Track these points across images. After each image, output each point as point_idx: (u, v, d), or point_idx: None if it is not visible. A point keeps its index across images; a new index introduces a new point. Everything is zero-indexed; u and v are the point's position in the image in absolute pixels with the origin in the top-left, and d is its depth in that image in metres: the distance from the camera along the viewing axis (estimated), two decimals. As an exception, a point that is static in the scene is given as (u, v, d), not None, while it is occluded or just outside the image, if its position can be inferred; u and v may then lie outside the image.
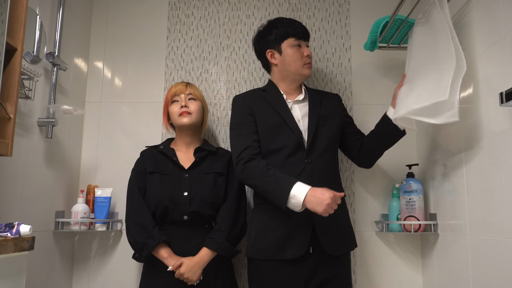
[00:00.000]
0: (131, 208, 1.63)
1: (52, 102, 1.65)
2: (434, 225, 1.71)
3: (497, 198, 1.28)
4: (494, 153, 1.30)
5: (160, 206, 1.60)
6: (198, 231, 1.61)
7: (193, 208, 1.58)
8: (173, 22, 2.07)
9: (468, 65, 1.46)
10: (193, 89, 1.73)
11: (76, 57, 1.93)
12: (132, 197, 1.64)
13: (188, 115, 1.66)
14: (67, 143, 1.83)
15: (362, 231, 1.91)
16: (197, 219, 1.60)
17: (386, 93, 1.99)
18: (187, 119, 1.66)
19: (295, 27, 1.63)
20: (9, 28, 1.19)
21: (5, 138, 1.19)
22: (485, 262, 1.35)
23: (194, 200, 1.59)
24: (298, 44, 1.62)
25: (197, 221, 1.61)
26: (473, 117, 1.43)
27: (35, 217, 1.59)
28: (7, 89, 1.20)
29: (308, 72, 1.64)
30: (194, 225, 1.61)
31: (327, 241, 1.50)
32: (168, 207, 1.59)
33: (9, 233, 1.09)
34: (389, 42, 1.78)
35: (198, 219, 1.60)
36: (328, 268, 1.52)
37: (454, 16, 1.56)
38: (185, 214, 1.59)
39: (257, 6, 2.08)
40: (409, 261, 1.88)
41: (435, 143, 1.74)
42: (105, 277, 1.89)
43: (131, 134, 1.98)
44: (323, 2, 2.07)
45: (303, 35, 1.64)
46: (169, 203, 1.59)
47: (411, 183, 1.76)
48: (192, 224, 1.61)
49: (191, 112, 1.67)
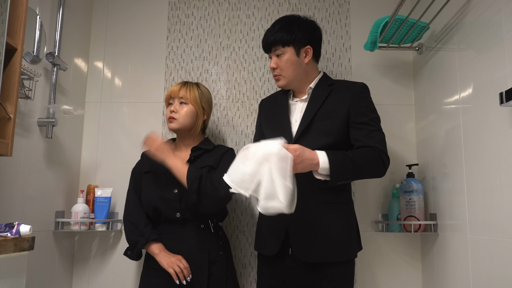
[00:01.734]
0: (127, 207, 1.68)
1: (52, 102, 1.65)
2: (434, 225, 1.71)
3: (497, 198, 1.28)
4: (494, 153, 1.30)
5: (151, 205, 1.61)
6: (193, 231, 1.60)
7: (184, 205, 1.58)
8: (173, 22, 2.07)
9: (468, 65, 1.47)
10: (186, 91, 1.68)
11: (76, 57, 1.93)
12: (128, 197, 1.69)
13: (173, 121, 1.66)
14: (67, 143, 1.83)
15: (362, 231, 1.90)
16: (190, 217, 1.60)
17: (386, 93, 1.99)
18: (173, 124, 1.66)
19: (263, 39, 1.60)
20: (9, 28, 1.19)
21: (5, 138, 1.19)
22: (485, 262, 1.35)
23: (185, 196, 1.57)
24: (270, 57, 1.60)
25: (191, 219, 1.60)
26: (473, 117, 1.43)
27: (35, 217, 1.59)
28: (7, 89, 1.20)
29: (278, 84, 1.59)
30: (188, 224, 1.60)
31: (298, 244, 1.45)
32: (159, 205, 1.60)
33: (9, 233, 1.09)
34: (389, 42, 1.78)
35: (191, 217, 1.60)
36: (303, 275, 1.47)
37: (454, 16, 1.57)
38: (177, 211, 1.59)
39: (257, 6, 2.08)
40: (409, 261, 1.88)
41: (435, 143, 1.74)
42: (105, 277, 1.89)
43: (131, 134, 1.98)
44: (323, 2, 2.07)
45: (265, 47, 1.59)
46: (160, 202, 1.60)
47: (411, 183, 1.76)
48: (186, 223, 1.60)
49: (177, 118, 1.66)
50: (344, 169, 1.38)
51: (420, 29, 1.71)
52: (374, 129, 1.48)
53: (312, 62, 1.60)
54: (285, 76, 1.56)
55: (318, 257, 1.45)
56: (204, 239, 1.60)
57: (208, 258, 1.58)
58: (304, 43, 1.55)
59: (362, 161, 1.40)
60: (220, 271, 1.60)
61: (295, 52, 1.54)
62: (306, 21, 1.59)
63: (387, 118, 1.97)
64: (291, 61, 1.54)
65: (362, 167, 1.41)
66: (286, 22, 1.57)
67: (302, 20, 1.58)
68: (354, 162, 1.39)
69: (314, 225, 1.45)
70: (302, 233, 1.46)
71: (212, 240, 1.61)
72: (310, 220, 1.46)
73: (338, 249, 1.46)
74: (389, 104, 1.99)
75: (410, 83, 2.00)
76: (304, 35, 1.54)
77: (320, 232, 1.46)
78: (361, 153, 1.42)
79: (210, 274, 1.57)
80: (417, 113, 1.95)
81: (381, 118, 1.81)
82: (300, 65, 1.55)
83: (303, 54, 1.55)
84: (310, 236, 1.45)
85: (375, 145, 1.45)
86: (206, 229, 1.62)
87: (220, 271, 1.60)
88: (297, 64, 1.55)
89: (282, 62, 1.55)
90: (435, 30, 1.74)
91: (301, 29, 1.54)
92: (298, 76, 1.57)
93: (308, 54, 1.56)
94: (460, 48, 1.54)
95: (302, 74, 1.57)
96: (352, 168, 1.39)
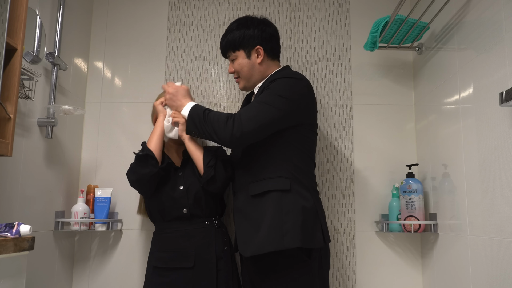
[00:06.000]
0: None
1: (52, 102, 1.65)
2: (434, 225, 1.71)
3: (497, 198, 1.28)
4: (494, 153, 1.30)
5: (159, 205, 1.63)
6: (199, 228, 1.63)
7: (191, 200, 1.61)
8: (173, 22, 2.07)
9: (468, 65, 1.47)
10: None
11: (76, 57, 1.93)
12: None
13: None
14: (67, 143, 1.83)
15: (362, 231, 1.91)
16: (197, 213, 1.62)
17: (386, 93, 1.99)
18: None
19: (220, 46, 1.67)
20: (9, 28, 1.19)
21: (5, 138, 1.19)
22: (485, 262, 1.35)
23: (191, 192, 1.62)
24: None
25: (197, 215, 1.62)
26: (473, 117, 1.43)
27: (35, 217, 1.59)
28: (7, 89, 1.20)
29: (239, 87, 1.67)
30: (195, 221, 1.62)
31: (238, 238, 1.50)
32: (167, 204, 1.62)
33: (9, 233, 1.09)
34: (389, 42, 1.78)
35: (198, 212, 1.62)
36: (247, 270, 1.55)
37: (454, 16, 1.57)
38: (184, 207, 1.61)
39: (257, 6, 2.08)
40: (409, 261, 1.88)
41: (435, 143, 1.74)
42: (105, 277, 1.89)
43: (131, 134, 1.98)
44: (323, 2, 2.07)
45: (223, 54, 1.67)
46: (168, 200, 1.62)
47: (411, 183, 1.76)
48: (192, 220, 1.62)
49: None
50: (196, 120, 1.48)
51: (420, 29, 1.71)
52: (254, 103, 1.50)
53: (267, 61, 1.61)
54: (242, 79, 1.63)
55: (251, 251, 1.42)
56: (210, 236, 1.63)
57: (215, 254, 1.60)
58: (253, 44, 1.58)
59: (211, 117, 1.47)
60: (227, 266, 1.63)
61: (246, 55, 1.59)
62: (254, 21, 1.61)
63: (387, 118, 1.98)
64: (243, 63, 1.60)
65: (208, 121, 1.46)
66: (233, 27, 1.62)
67: (250, 22, 1.61)
68: (205, 117, 1.47)
69: (247, 220, 1.47)
70: (240, 229, 1.50)
71: (217, 236, 1.64)
72: (244, 216, 1.49)
73: (268, 240, 1.39)
74: (389, 104, 1.99)
75: (410, 83, 2.00)
76: (252, 36, 1.58)
77: (253, 226, 1.44)
78: (217, 112, 1.49)
79: (218, 269, 1.60)
80: (417, 113, 1.95)
81: (381, 118, 1.83)
82: (253, 66, 1.59)
83: (255, 54, 1.59)
84: (246, 231, 1.47)
85: (240, 110, 1.50)
86: (211, 226, 1.65)
87: (227, 266, 1.63)
88: (250, 66, 1.59)
89: (236, 66, 1.61)
90: (435, 30, 1.74)
91: (248, 31, 1.58)
92: (254, 77, 1.61)
93: (259, 53, 1.59)
94: (460, 48, 1.54)
95: (257, 74, 1.60)
96: (201, 121, 1.47)
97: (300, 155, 1.51)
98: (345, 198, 1.93)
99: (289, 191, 1.44)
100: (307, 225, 1.42)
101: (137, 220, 1.92)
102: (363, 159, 1.95)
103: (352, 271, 1.88)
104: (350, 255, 1.89)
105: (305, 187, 1.48)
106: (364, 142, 1.97)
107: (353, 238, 1.90)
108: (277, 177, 1.46)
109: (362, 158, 1.95)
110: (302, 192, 1.46)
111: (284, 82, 1.48)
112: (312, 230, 1.43)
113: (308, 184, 1.50)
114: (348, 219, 1.92)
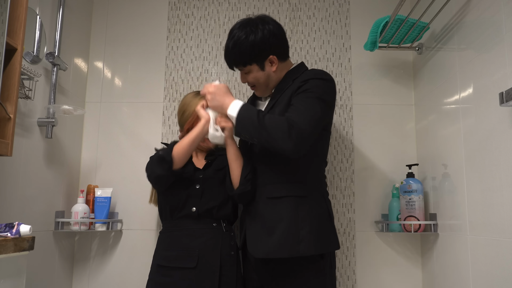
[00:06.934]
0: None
1: (52, 102, 1.65)
2: (434, 225, 1.71)
3: (497, 198, 1.28)
4: (494, 153, 1.30)
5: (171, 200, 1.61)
6: (206, 228, 1.60)
7: (204, 199, 1.60)
8: (173, 22, 2.07)
9: (468, 65, 1.47)
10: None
11: (76, 57, 1.93)
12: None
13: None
14: (67, 143, 1.83)
15: (362, 231, 1.91)
16: (205, 214, 1.60)
17: (386, 93, 1.99)
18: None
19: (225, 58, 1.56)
20: (9, 28, 1.19)
21: (5, 138, 1.19)
22: (485, 262, 1.35)
23: (206, 193, 1.61)
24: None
25: (205, 216, 1.61)
26: (473, 117, 1.43)
27: (35, 217, 1.59)
28: (7, 89, 1.20)
29: (256, 94, 1.62)
30: (202, 221, 1.60)
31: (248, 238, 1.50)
32: (178, 200, 1.60)
33: (9, 233, 1.09)
34: (389, 42, 1.78)
35: (206, 213, 1.60)
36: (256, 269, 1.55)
37: (454, 16, 1.57)
38: (193, 206, 1.60)
39: (257, 6, 2.08)
40: (409, 261, 1.88)
41: (435, 143, 1.74)
42: (105, 277, 1.89)
43: (131, 134, 1.98)
44: (323, 2, 2.07)
45: (228, 66, 1.58)
46: (183, 198, 1.59)
47: (411, 183, 1.76)
48: (200, 219, 1.60)
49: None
50: (248, 124, 1.38)
51: (420, 29, 1.71)
52: (301, 107, 1.40)
53: (281, 65, 1.54)
54: (259, 89, 1.58)
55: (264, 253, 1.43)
56: (216, 238, 1.60)
57: (220, 257, 1.57)
58: (265, 55, 1.50)
59: (268, 123, 1.36)
60: (231, 272, 1.60)
61: (259, 67, 1.51)
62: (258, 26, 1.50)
63: (387, 118, 1.98)
64: (258, 76, 1.53)
65: (265, 128, 1.36)
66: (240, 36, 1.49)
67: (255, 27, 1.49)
68: (261, 122, 1.36)
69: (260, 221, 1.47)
70: (251, 222, 1.51)
71: (224, 239, 1.61)
72: (257, 216, 1.49)
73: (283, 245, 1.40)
74: (389, 104, 1.99)
75: (410, 83, 2.00)
76: (262, 49, 1.48)
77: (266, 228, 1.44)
78: (273, 117, 1.39)
79: (222, 274, 1.56)
80: (417, 113, 1.95)
81: (381, 118, 1.82)
82: (268, 76, 1.53)
83: (268, 64, 1.52)
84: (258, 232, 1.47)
85: (290, 114, 1.38)
86: (218, 228, 1.62)
87: (231, 272, 1.60)
88: (266, 77, 1.53)
89: (251, 79, 1.55)
90: (435, 30, 1.74)
91: (257, 44, 1.47)
92: (271, 84, 1.56)
93: (273, 62, 1.51)
94: (460, 48, 1.54)
95: (274, 81, 1.55)
96: (255, 126, 1.36)
97: (317, 159, 1.54)
98: (345, 198, 1.93)
99: (306, 197, 1.45)
100: (322, 231, 1.44)
101: (137, 220, 1.92)
102: (363, 159, 1.95)
103: (352, 271, 1.88)
104: (350, 255, 1.90)
105: (320, 192, 1.52)
106: (364, 142, 1.97)
107: (353, 238, 1.90)
108: (295, 182, 1.48)
109: (362, 158, 1.95)
110: (318, 198, 1.49)
111: (324, 85, 1.46)
112: (327, 235, 1.47)
113: (322, 189, 1.54)
114: (348, 219, 1.92)
